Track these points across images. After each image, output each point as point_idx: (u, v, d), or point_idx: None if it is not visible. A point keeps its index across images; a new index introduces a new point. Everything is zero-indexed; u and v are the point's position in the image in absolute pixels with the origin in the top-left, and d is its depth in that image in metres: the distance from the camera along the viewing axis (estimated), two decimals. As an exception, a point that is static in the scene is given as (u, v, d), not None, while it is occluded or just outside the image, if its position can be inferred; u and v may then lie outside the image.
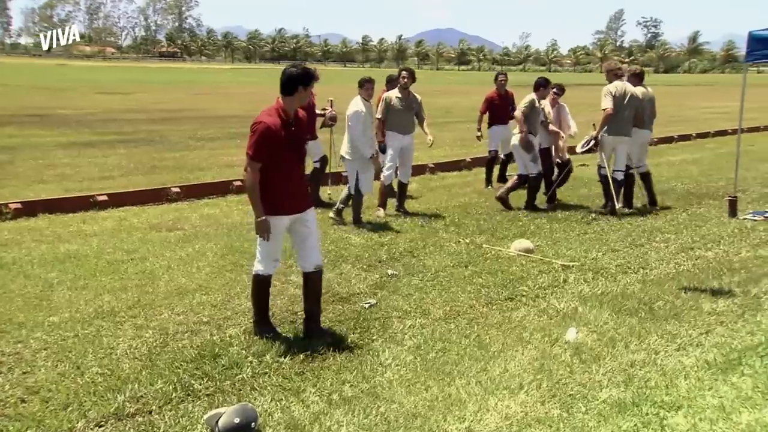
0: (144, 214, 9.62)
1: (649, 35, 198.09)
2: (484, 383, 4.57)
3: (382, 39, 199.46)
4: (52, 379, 4.67)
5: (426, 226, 9.07)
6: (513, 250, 7.92)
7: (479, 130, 12.78)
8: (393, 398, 4.40)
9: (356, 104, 8.91)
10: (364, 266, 7.30)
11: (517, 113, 10.07)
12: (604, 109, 9.65)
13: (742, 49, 11.05)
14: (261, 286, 5.39)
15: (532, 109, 10.04)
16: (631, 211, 10.14)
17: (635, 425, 3.96)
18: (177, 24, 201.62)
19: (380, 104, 9.75)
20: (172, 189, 10.55)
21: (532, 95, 10.07)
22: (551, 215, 9.73)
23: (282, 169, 5.11)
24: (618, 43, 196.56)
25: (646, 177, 10.59)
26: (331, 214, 9.23)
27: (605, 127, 9.72)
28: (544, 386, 4.51)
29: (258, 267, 5.34)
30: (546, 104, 10.52)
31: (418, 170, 12.61)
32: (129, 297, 6.27)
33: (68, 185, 11.37)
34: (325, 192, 10.70)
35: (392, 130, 9.71)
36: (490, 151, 12.62)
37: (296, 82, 5.03)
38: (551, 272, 7.16)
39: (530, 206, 10.15)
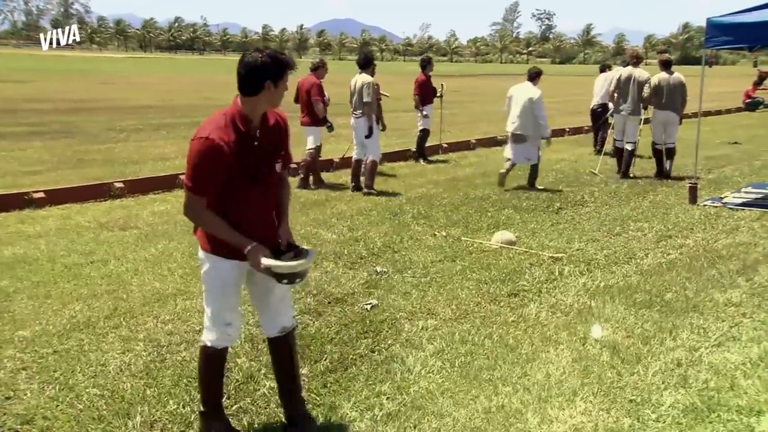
0: (89, 211, 8.81)
1: (543, 27, 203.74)
2: (534, 390, 4.23)
3: (284, 29, 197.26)
4: (44, 404, 4.06)
5: (394, 218, 8.69)
6: (495, 242, 7.64)
7: (420, 109, 13.74)
8: (442, 411, 4.00)
9: (538, 90, 10.49)
10: (347, 263, 6.86)
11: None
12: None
13: (630, 42, 13.15)
14: (209, 361, 3.71)
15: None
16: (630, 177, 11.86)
17: (723, 433, 3.70)
18: (63, 9, 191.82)
19: (370, 89, 10.08)
20: (115, 184, 9.72)
21: None
22: (516, 205, 9.52)
23: (235, 200, 3.44)
24: (515, 35, 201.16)
25: (669, 151, 12.03)
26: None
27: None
28: (599, 391, 4.21)
29: (206, 335, 3.66)
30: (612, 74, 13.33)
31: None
32: (102, 305, 5.62)
33: (-10, 181, 10.38)
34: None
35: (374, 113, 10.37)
36: (421, 130, 13.85)
37: (263, 75, 3.32)
38: (542, 264, 6.91)
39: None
